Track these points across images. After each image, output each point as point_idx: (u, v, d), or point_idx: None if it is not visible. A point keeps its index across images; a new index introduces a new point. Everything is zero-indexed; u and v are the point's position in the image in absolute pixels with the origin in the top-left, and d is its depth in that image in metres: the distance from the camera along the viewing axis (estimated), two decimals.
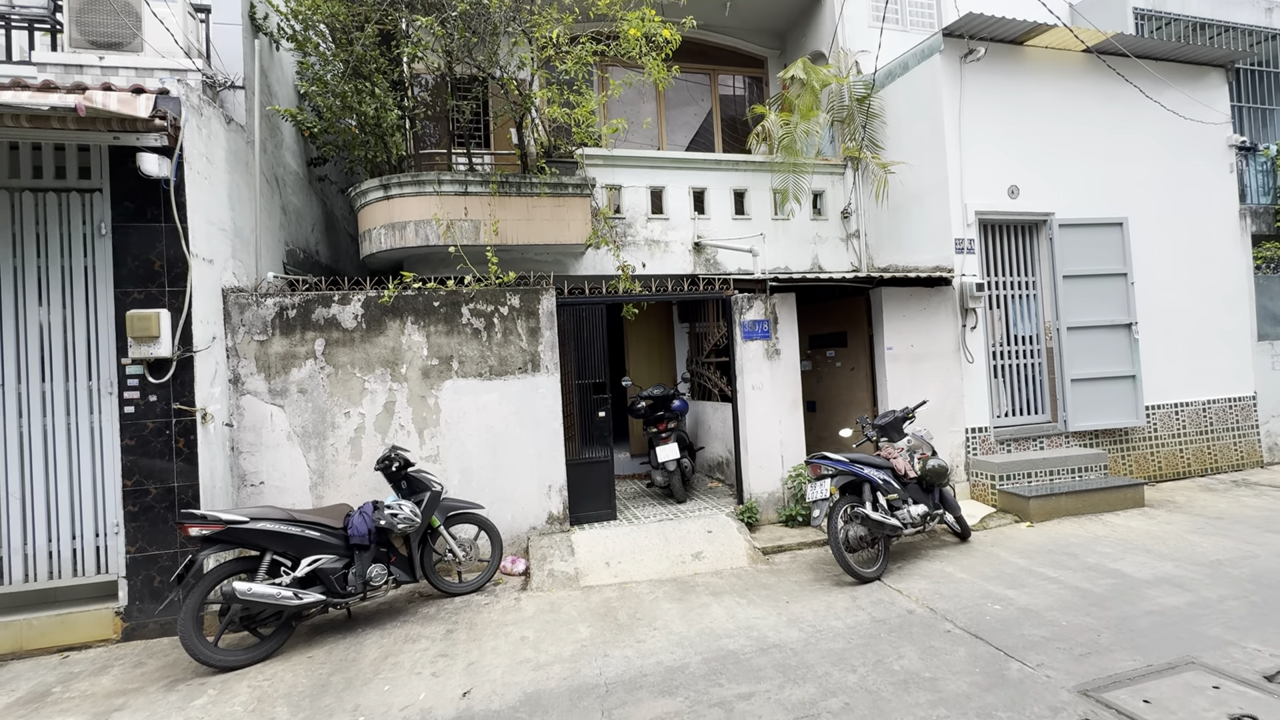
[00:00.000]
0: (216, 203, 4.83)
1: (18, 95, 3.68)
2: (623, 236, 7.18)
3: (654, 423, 6.86)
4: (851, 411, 7.22)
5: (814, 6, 8.73)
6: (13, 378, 4.18)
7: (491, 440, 5.40)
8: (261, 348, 4.93)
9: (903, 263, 7.31)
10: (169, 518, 4.28)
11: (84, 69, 4.73)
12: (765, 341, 6.22)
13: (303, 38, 5.89)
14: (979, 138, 6.79)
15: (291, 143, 6.65)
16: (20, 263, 4.22)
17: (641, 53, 6.01)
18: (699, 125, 9.66)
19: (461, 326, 5.39)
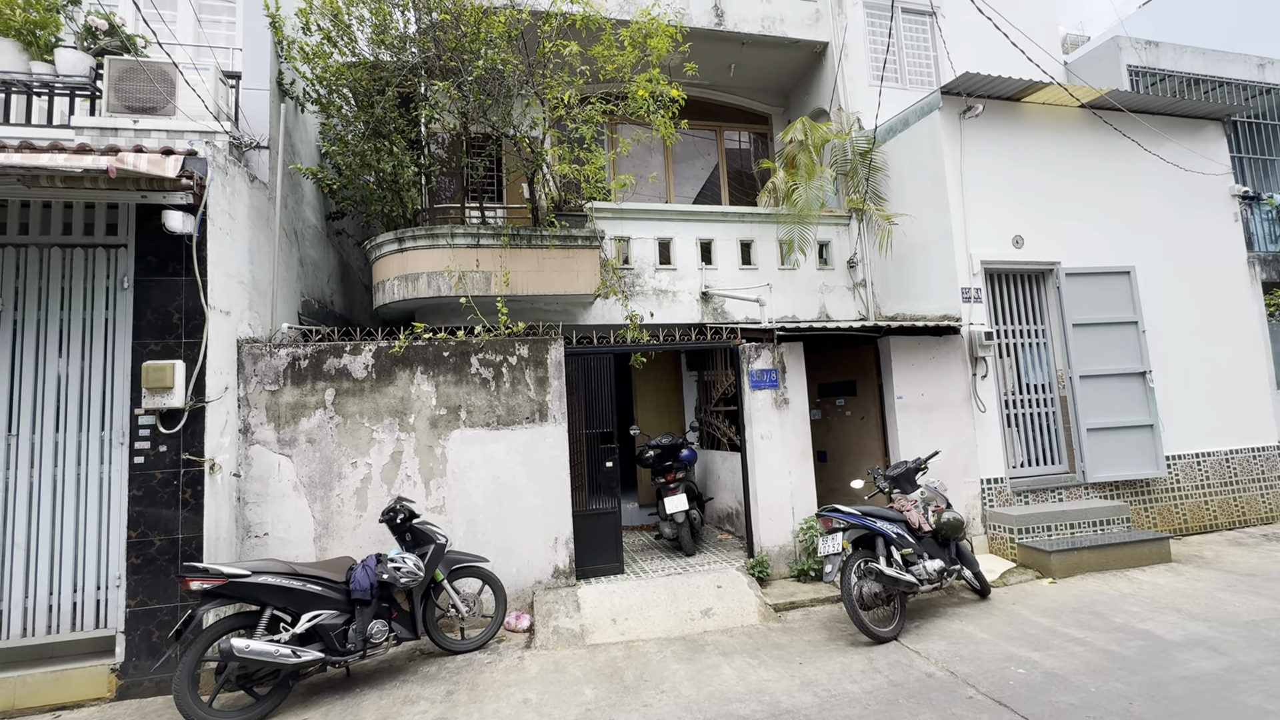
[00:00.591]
0: (236, 257, 4.98)
1: (54, 158, 3.86)
2: (631, 286, 7.28)
3: (662, 473, 6.78)
4: (863, 461, 7.11)
5: (815, 67, 9.07)
6: (27, 428, 4.23)
7: (498, 491, 5.35)
8: (273, 397, 4.98)
9: (910, 311, 7.33)
10: (171, 570, 4.24)
11: (119, 132, 4.97)
12: (773, 391, 6.19)
13: (327, 101, 6.19)
14: (981, 189, 6.91)
15: (312, 198, 6.90)
16: (44, 315, 4.34)
17: (649, 111, 6.25)
18: (706, 178, 9.93)
19: (470, 376, 5.42)
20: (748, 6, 8.33)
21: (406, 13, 6.24)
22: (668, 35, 6.16)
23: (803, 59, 9.01)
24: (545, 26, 5.93)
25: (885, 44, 8.71)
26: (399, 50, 6.01)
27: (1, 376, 4.22)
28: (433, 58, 5.96)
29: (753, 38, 8.39)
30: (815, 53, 8.86)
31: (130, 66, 4.95)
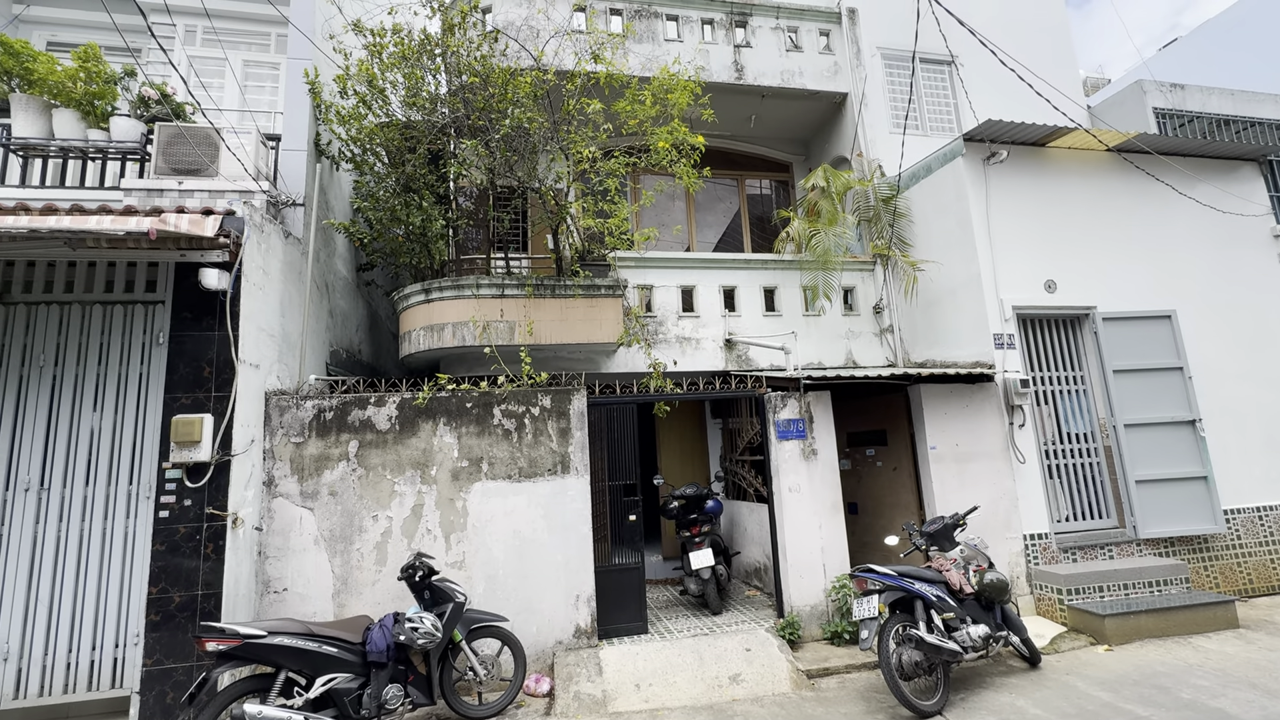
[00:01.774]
0: (268, 310, 5.09)
1: (100, 221, 4.03)
2: (654, 334, 7.26)
3: (687, 525, 6.59)
4: (896, 514, 6.82)
5: (835, 116, 9.18)
6: (59, 481, 4.29)
7: (518, 546, 5.23)
8: (297, 450, 4.99)
9: (940, 357, 7.14)
10: (189, 628, 4.18)
11: (164, 193, 5.20)
12: (801, 441, 6.03)
13: (360, 159, 6.42)
14: (1010, 234, 6.81)
15: (343, 251, 7.09)
16: (82, 370, 4.45)
17: (671, 161, 6.35)
18: (727, 224, 10.00)
19: (493, 428, 5.39)
20: (767, 61, 8.52)
21: (438, 75, 6.51)
22: (689, 90, 6.30)
23: (822, 109, 9.13)
24: (570, 85, 6.11)
25: (903, 92, 8.79)
26: (429, 111, 6.24)
27: (39, 431, 4.31)
28: (461, 117, 6.17)
29: (772, 90, 8.56)
30: (834, 103, 8.98)
31: (177, 132, 5.20)
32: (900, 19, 8.15)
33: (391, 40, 6.09)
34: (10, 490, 4.22)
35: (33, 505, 4.22)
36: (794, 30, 8.77)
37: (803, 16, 8.81)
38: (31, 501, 4.22)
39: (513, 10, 7.61)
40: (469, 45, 6.20)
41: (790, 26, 8.76)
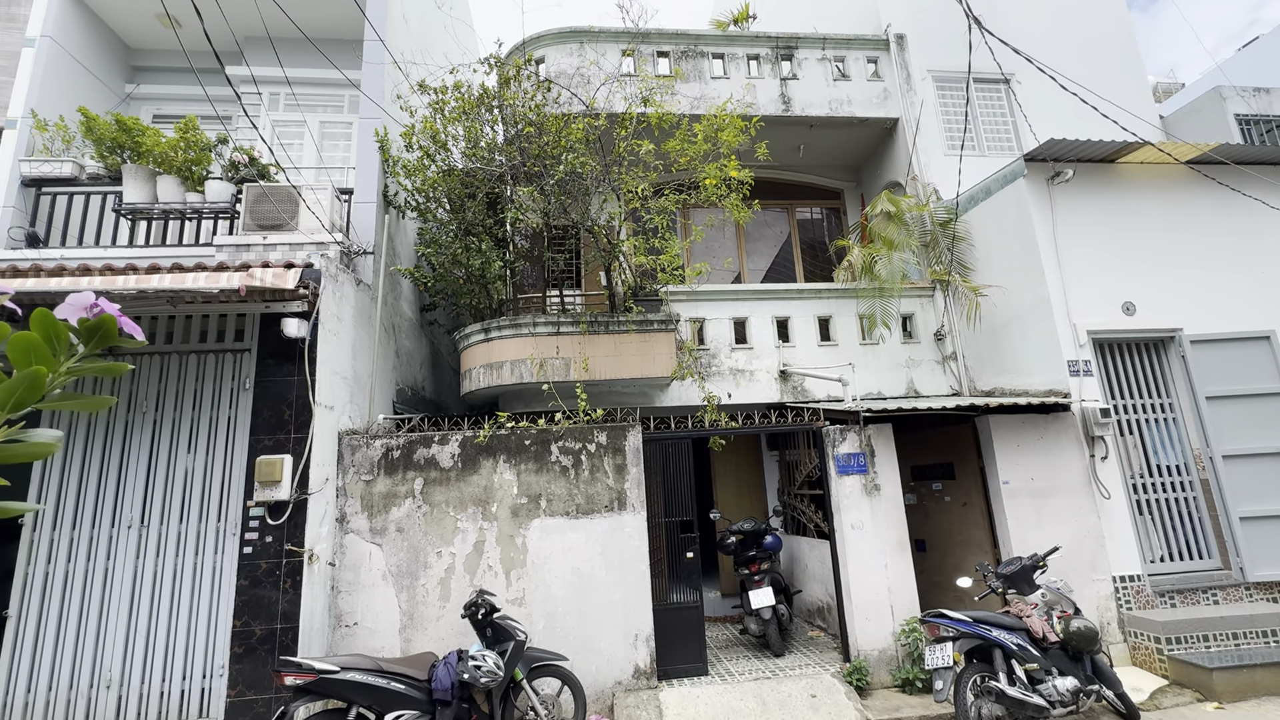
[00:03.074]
0: (341, 354, 5.39)
1: (196, 279, 4.40)
2: (707, 367, 7.25)
3: (745, 562, 6.45)
4: (967, 553, 6.48)
5: (886, 141, 9.07)
6: (156, 519, 4.63)
7: (577, 583, 5.26)
8: (367, 487, 5.22)
9: (1008, 385, 6.82)
10: (269, 661, 4.38)
11: (250, 247, 5.64)
12: (862, 476, 5.85)
13: (424, 208, 6.79)
14: (1081, 255, 6.50)
15: (408, 293, 7.46)
16: (178, 415, 4.82)
17: (721, 196, 6.41)
18: (777, 252, 9.95)
19: (550, 464, 5.48)
20: (814, 92, 8.54)
21: (495, 126, 6.85)
22: (738, 128, 6.38)
23: (872, 135, 9.04)
24: (622, 131, 6.30)
25: (958, 114, 8.62)
26: (488, 161, 6.55)
27: (140, 472, 4.68)
28: (518, 164, 6.45)
29: (820, 120, 8.55)
30: (885, 128, 8.88)
31: (262, 192, 5.66)
32: (951, 40, 8.04)
33: (452, 96, 6.47)
34: (115, 527, 4.58)
35: (134, 541, 4.57)
36: (840, 60, 8.77)
37: (849, 46, 8.81)
38: (133, 538, 4.57)
39: (564, 60, 7.94)
40: (524, 96, 6.51)
41: (837, 56, 8.77)
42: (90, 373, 0.64)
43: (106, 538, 4.56)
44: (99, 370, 0.65)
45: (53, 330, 0.59)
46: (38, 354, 0.57)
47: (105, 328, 0.62)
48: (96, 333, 0.61)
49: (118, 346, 0.79)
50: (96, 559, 4.51)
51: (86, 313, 0.61)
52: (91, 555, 4.51)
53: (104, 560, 4.52)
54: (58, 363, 0.59)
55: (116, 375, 0.64)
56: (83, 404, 0.62)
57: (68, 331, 0.60)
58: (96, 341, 0.62)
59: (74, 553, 4.50)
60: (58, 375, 0.59)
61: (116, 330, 0.64)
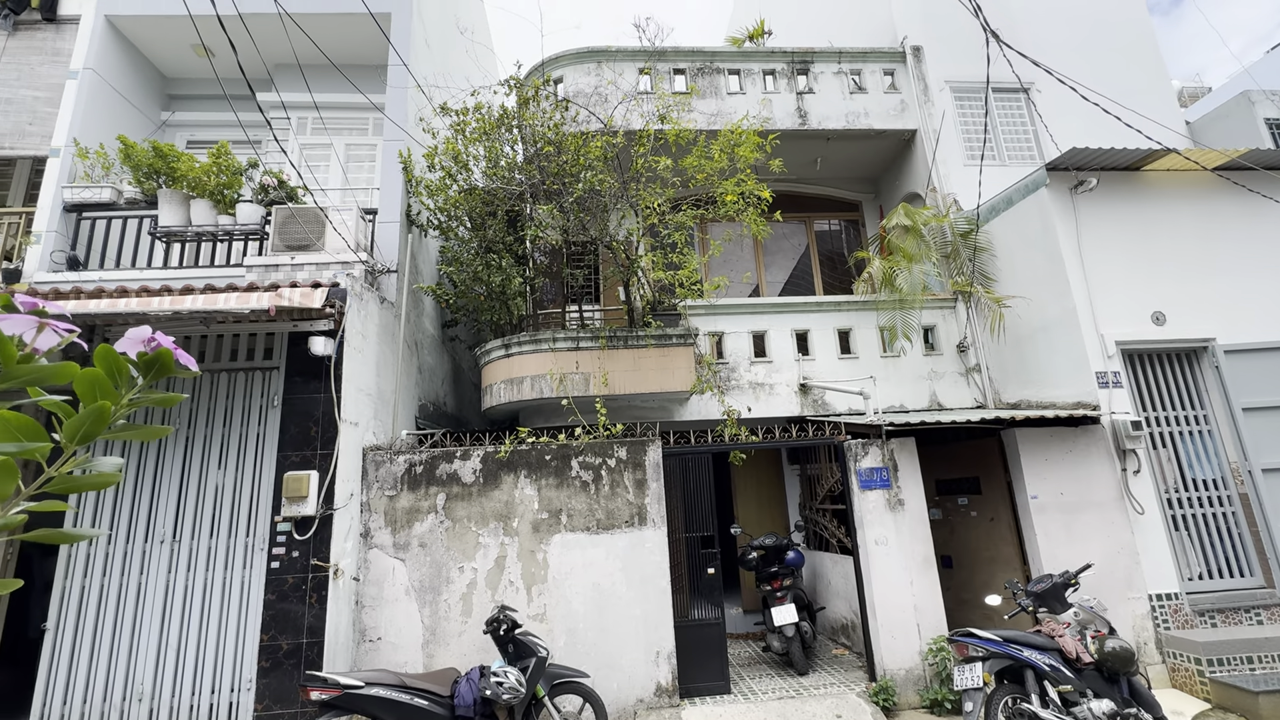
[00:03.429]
0: (366, 371, 5.49)
1: (228, 299, 4.54)
2: (726, 381, 7.24)
3: (767, 579, 6.38)
4: (995, 570, 6.33)
5: (904, 153, 9.04)
6: (188, 534, 4.74)
7: (598, 599, 5.24)
8: (391, 502, 5.28)
9: (1035, 398, 6.70)
10: (295, 675, 4.43)
11: (279, 267, 5.79)
12: (885, 491, 5.77)
13: (446, 226, 6.92)
14: (1107, 265, 6.39)
15: (430, 310, 7.59)
16: (210, 432, 4.95)
17: (739, 210, 6.44)
18: (795, 264, 9.93)
19: (570, 479, 5.50)
20: (830, 105, 8.56)
21: (515, 146, 6.97)
22: (754, 144, 6.42)
23: (890, 147, 9.02)
24: (639, 148, 6.37)
25: (977, 124, 8.58)
26: (508, 180, 6.66)
27: (173, 488, 4.80)
28: (538, 183, 6.55)
29: (837, 133, 8.56)
30: (903, 140, 8.85)
31: (290, 213, 5.82)
32: (968, 50, 8.02)
33: (473, 117, 6.61)
34: (149, 542, 4.69)
35: (166, 556, 4.67)
36: (857, 73, 8.79)
37: (865, 59, 8.83)
38: (165, 552, 4.68)
39: (583, 79, 8.08)
40: (543, 115, 6.63)
41: (853, 69, 8.79)
42: (149, 404, 0.68)
43: (140, 552, 4.67)
44: (157, 401, 0.69)
45: (114, 364, 0.63)
46: (102, 389, 0.60)
47: (162, 360, 0.66)
48: (154, 365, 0.65)
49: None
50: (130, 573, 4.62)
51: (145, 346, 0.65)
52: (126, 570, 4.62)
53: (138, 575, 4.63)
54: (119, 395, 0.63)
55: (172, 406, 0.67)
56: (142, 433, 0.65)
57: (128, 365, 0.64)
58: (154, 374, 0.65)
59: (109, 567, 4.62)
60: (120, 407, 0.63)
61: (173, 363, 0.67)
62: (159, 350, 0.65)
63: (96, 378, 0.59)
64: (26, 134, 6.53)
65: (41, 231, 6.01)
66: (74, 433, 0.57)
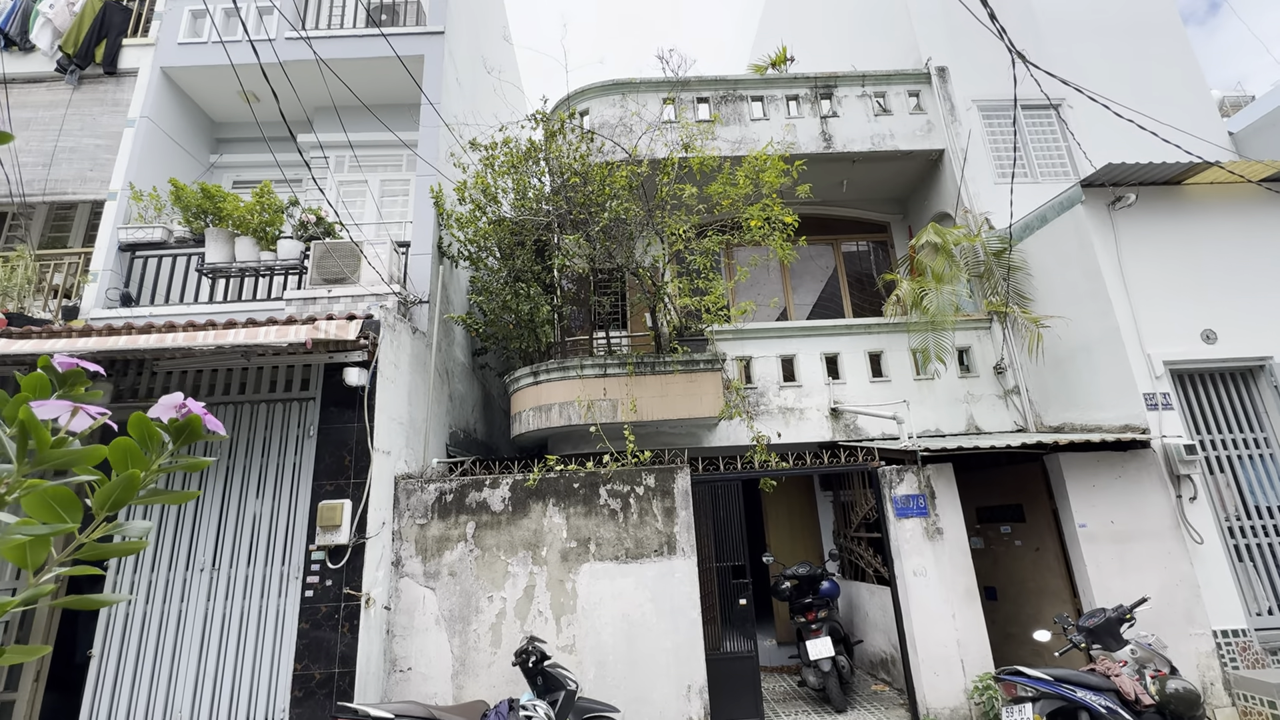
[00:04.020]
0: (398, 401, 5.60)
1: (267, 333, 4.70)
2: (755, 406, 7.15)
3: (801, 610, 6.20)
4: (1043, 602, 6.04)
5: (932, 173, 8.94)
6: (226, 562, 4.84)
7: (627, 630, 5.16)
8: (421, 531, 5.33)
9: (1078, 421, 6.44)
10: (327, 705, 4.45)
11: (317, 300, 5.99)
12: (923, 519, 5.58)
13: (476, 257, 7.08)
14: (1150, 282, 6.16)
15: (460, 339, 7.73)
16: (249, 462, 5.09)
17: (765, 235, 6.43)
18: (823, 286, 9.84)
19: (599, 508, 5.47)
20: (855, 128, 8.54)
21: (542, 178, 7.13)
22: (779, 169, 6.43)
23: (917, 167, 8.94)
24: (664, 177, 6.45)
25: (1006, 142, 8.44)
26: (535, 210, 6.80)
27: (213, 517, 4.93)
28: (564, 213, 6.67)
29: (863, 155, 8.52)
30: (931, 160, 8.76)
31: (327, 248, 6.03)
32: (994, 69, 7.91)
33: (501, 151, 6.79)
34: (189, 570, 4.81)
35: (205, 584, 4.78)
36: (881, 95, 8.77)
37: (889, 81, 8.81)
38: (205, 581, 4.79)
39: (607, 111, 8.25)
40: (569, 147, 6.77)
41: (877, 92, 8.78)
42: (179, 469, 0.70)
43: (181, 580, 4.79)
44: (186, 467, 0.71)
45: (147, 431, 0.65)
46: (133, 457, 0.63)
47: (192, 426, 0.68)
48: (184, 431, 0.67)
49: (194, 397, 0.87)
50: (172, 601, 4.74)
51: (175, 412, 0.67)
52: (168, 597, 4.74)
53: (179, 602, 4.74)
54: (149, 461, 0.65)
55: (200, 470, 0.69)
56: (170, 498, 0.67)
57: (159, 431, 0.66)
58: (184, 439, 0.67)
59: (152, 594, 4.74)
60: (150, 473, 0.65)
61: (202, 428, 0.70)
62: (189, 416, 0.67)
63: (127, 446, 0.62)
64: (87, 179, 6.94)
65: (98, 270, 6.35)
66: (104, 501, 0.59)
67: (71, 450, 0.58)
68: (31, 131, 6.99)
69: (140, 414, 0.66)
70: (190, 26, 7.35)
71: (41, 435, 0.56)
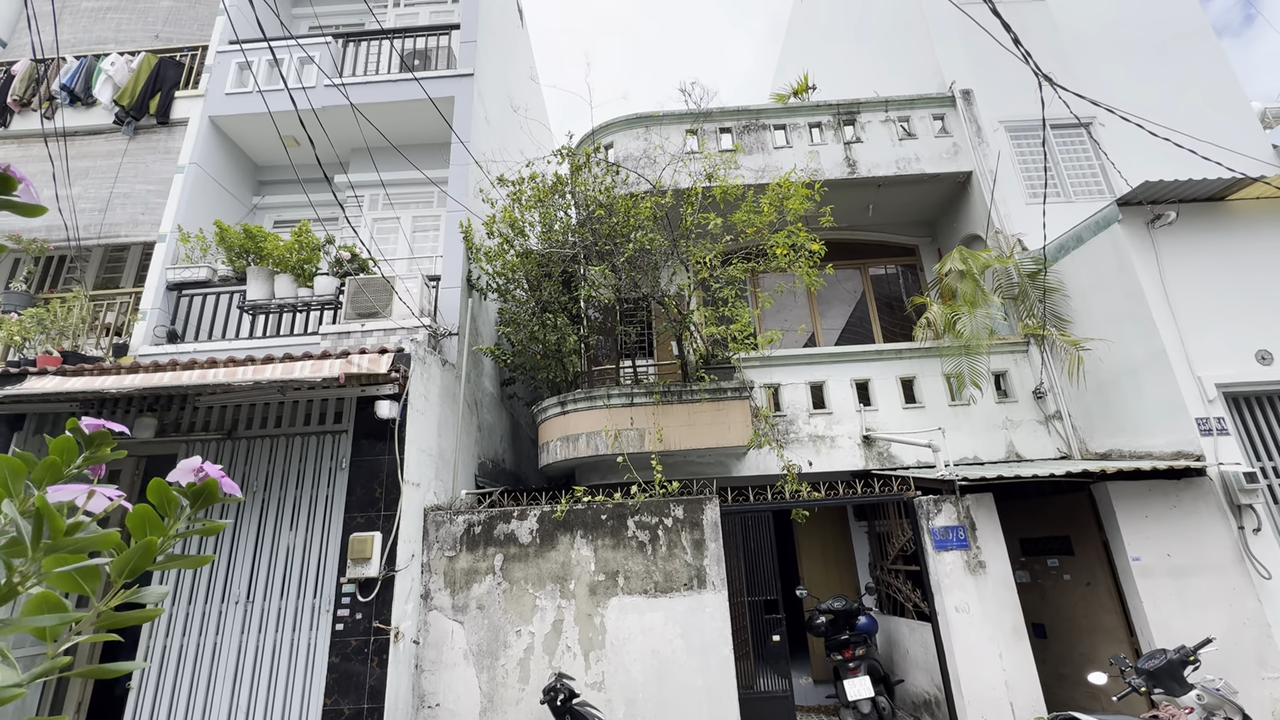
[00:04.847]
0: (428, 432, 5.66)
1: (303, 368, 4.82)
2: (785, 434, 7.03)
3: (838, 647, 5.97)
4: (1097, 642, 5.71)
5: (961, 195, 8.83)
6: (260, 595, 4.91)
7: (657, 667, 5.04)
8: (450, 563, 5.33)
9: (1126, 447, 6.16)
10: None
11: (350, 334, 6.15)
12: (963, 552, 5.36)
13: (504, 289, 7.20)
14: (1197, 301, 5.92)
15: (489, 369, 7.82)
16: (283, 494, 5.18)
17: (791, 262, 6.40)
18: (851, 311, 9.71)
19: (627, 540, 5.41)
20: (879, 153, 8.52)
21: (568, 211, 7.26)
22: (803, 195, 6.43)
23: (945, 189, 8.84)
24: (688, 206, 6.50)
25: (1036, 162, 8.30)
26: (562, 243, 6.91)
27: (249, 548, 5.02)
28: (590, 244, 6.75)
29: (888, 179, 8.48)
30: (958, 182, 8.66)
31: (360, 284, 6.21)
32: (1020, 89, 7.85)
33: (529, 186, 6.95)
34: (225, 602, 4.89)
35: (240, 617, 4.84)
36: (905, 120, 8.75)
37: (913, 105, 8.79)
38: (239, 613, 4.85)
39: (631, 144, 8.40)
40: (594, 180, 6.89)
41: (900, 116, 8.76)
42: (195, 534, 0.71)
43: (217, 613, 4.86)
44: (203, 532, 0.72)
45: (164, 496, 0.66)
46: (151, 524, 0.64)
47: (209, 491, 0.69)
48: (201, 495, 0.68)
49: (234, 431, 0.86)
50: (207, 633, 4.81)
51: (194, 476, 0.69)
52: (204, 630, 4.81)
53: (214, 635, 4.80)
54: (166, 528, 0.66)
55: (216, 533, 0.70)
56: (186, 562, 0.68)
57: (177, 496, 0.67)
58: (200, 503, 0.68)
59: (188, 627, 4.82)
60: (167, 539, 0.66)
61: (218, 491, 0.71)
62: (206, 481, 0.68)
63: (145, 513, 0.63)
64: (139, 223, 7.32)
65: (147, 309, 6.64)
66: (122, 569, 0.60)
67: (87, 537, 0.59)
68: (90, 180, 7.42)
69: (159, 480, 0.67)
70: (236, 78, 7.77)
71: (56, 524, 0.57)
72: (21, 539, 0.55)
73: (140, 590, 0.65)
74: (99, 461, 0.69)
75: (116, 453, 0.69)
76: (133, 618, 0.62)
